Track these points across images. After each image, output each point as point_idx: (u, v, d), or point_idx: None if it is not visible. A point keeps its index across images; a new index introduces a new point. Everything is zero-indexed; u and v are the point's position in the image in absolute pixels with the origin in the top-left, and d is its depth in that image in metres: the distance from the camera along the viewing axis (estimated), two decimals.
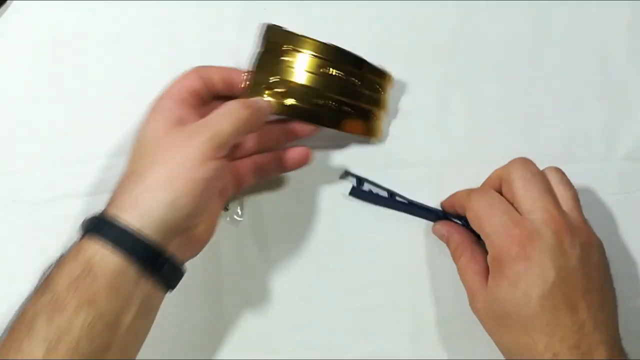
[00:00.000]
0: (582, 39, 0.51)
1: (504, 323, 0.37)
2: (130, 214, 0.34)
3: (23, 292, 0.46)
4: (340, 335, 0.46)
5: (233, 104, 0.39)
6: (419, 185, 0.48)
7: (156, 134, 0.37)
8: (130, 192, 0.35)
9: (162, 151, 0.36)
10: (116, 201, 0.35)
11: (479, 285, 0.39)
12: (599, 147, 0.49)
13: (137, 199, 0.34)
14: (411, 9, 0.51)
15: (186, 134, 0.36)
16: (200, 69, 0.42)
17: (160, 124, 0.38)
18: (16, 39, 0.49)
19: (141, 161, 0.36)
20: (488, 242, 0.39)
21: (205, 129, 0.36)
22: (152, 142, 0.37)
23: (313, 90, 0.45)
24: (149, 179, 0.35)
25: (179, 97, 0.40)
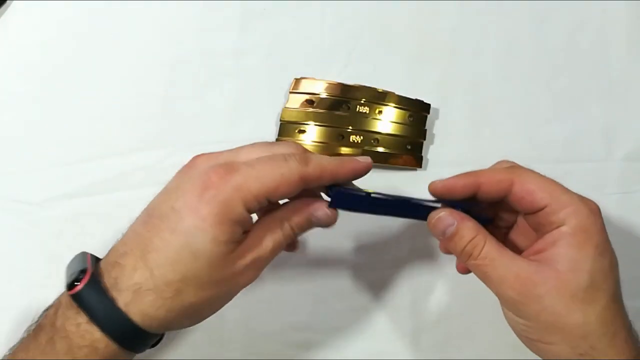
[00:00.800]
0: (582, 39, 0.51)
1: (587, 297, 0.33)
2: (150, 324, 0.33)
3: (23, 292, 0.46)
4: (340, 335, 0.46)
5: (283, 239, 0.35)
6: (410, 184, 0.48)
7: (211, 257, 0.32)
8: (160, 307, 0.32)
9: (210, 283, 0.33)
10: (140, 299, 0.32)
11: (533, 267, 0.34)
12: (599, 147, 0.49)
13: (166, 321, 0.33)
14: (411, 9, 0.51)
15: (240, 272, 0.34)
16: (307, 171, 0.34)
17: (222, 247, 0.32)
18: (16, 39, 0.49)
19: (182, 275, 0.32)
20: (566, 211, 0.34)
21: (259, 269, 0.35)
22: (201, 264, 0.32)
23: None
24: (185, 308, 0.33)
25: (256, 206, 0.33)
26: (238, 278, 0.34)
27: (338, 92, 0.48)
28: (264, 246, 0.34)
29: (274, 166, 0.33)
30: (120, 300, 0.32)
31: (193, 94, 0.49)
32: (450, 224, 0.36)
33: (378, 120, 0.48)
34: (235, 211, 0.32)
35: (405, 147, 0.48)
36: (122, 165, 0.48)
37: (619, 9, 0.52)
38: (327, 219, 0.36)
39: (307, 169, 0.34)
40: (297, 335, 0.46)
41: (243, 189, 0.32)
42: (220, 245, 0.32)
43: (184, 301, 0.33)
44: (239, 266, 0.33)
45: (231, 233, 0.32)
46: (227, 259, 0.33)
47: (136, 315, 0.32)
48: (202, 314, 0.35)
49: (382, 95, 0.48)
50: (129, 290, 0.32)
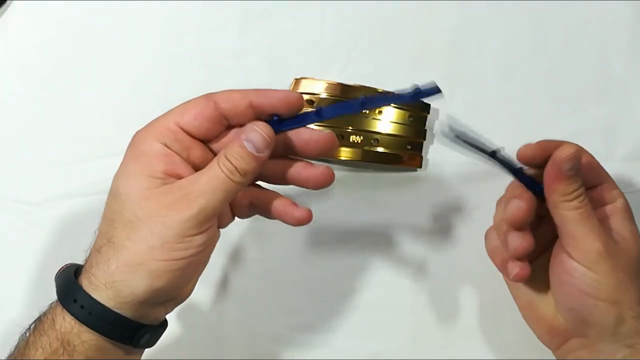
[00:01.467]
0: (582, 39, 0.51)
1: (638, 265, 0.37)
2: (106, 292, 0.31)
3: (23, 292, 0.46)
4: (340, 335, 0.46)
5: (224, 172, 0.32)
6: (410, 184, 0.48)
7: (135, 193, 0.32)
8: (105, 267, 0.32)
9: (140, 222, 0.31)
10: (91, 272, 0.32)
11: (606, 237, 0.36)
12: (599, 147, 0.49)
13: (112, 279, 0.31)
14: (411, 9, 0.51)
15: (168, 204, 0.32)
16: (215, 93, 0.34)
17: (143, 181, 0.32)
18: (16, 39, 0.49)
19: (117, 227, 0.32)
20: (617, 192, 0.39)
21: (191, 203, 0.32)
22: (130, 205, 0.32)
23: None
24: (123, 257, 0.31)
25: (173, 137, 0.33)
26: (166, 210, 0.31)
27: (338, 92, 0.48)
28: (196, 178, 0.32)
29: (182, 103, 0.34)
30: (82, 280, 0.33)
31: (193, 94, 0.49)
32: (577, 163, 0.37)
33: (378, 120, 0.48)
34: (147, 143, 0.33)
35: (405, 147, 0.48)
36: None
37: (619, 9, 0.52)
38: (260, 139, 0.33)
39: (215, 93, 0.34)
40: (297, 335, 0.46)
41: (154, 124, 0.34)
42: (132, 177, 0.32)
43: (116, 246, 0.32)
44: (167, 198, 0.32)
45: (144, 165, 0.32)
46: (149, 192, 0.32)
47: (86, 279, 0.32)
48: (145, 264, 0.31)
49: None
50: (85, 261, 0.33)
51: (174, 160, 0.33)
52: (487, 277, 0.47)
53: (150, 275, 0.31)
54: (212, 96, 0.34)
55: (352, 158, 0.47)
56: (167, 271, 0.32)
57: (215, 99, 0.34)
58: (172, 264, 0.32)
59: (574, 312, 0.37)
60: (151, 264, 0.31)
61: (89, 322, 0.32)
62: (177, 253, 0.32)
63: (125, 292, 0.31)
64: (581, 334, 0.37)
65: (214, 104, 0.34)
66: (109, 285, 0.31)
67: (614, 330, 0.35)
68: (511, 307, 0.44)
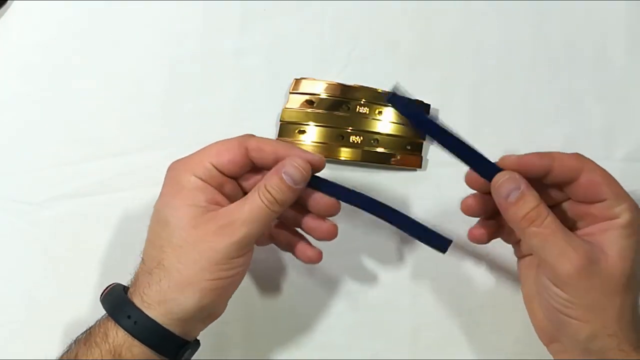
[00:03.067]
0: (581, 40, 0.51)
1: (628, 283, 0.35)
2: (157, 310, 0.35)
3: (23, 292, 0.46)
4: (340, 335, 0.46)
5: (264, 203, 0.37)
6: (410, 185, 0.48)
7: (184, 222, 0.36)
8: (157, 287, 0.35)
9: (190, 247, 0.36)
10: (143, 290, 0.36)
11: (589, 246, 0.35)
12: (599, 148, 0.49)
13: (165, 298, 0.35)
14: (411, 9, 0.51)
15: (215, 231, 0.36)
16: (248, 140, 0.38)
17: (189, 211, 0.36)
18: (16, 39, 0.49)
19: (167, 251, 0.36)
20: (622, 207, 0.36)
21: (235, 230, 0.36)
22: (179, 232, 0.36)
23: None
24: (175, 278, 0.35)
25: (208, 174, 0.37)
26: (213, 236, 0.35)
27: (338, 92, 0.48)
28: (239, 208, 0.37)
29: (218, 142, 0.39)
30: (130, 293, 0.37)
31: (193, 93, 0.49)
32: (516, 188, 0.36)
33: (378, 120, 0.48)
34: (185, 179, 0.37)
35: (405, 148, 0.48)
36: (122, 165, 0.48)
37: (619, 9, 0.52)
38: (298, 173, 0.37)
39: (249, 139, 0.38)
40: (297, 335, 0.46)
41: (189, 161, 0.38)
42: (179, 209, 0.36)
43: (167, 269, 0.35)
44: (213, 225, 0.36)
45: (187, 197, 0.37)
46: (196, 220, 0.36)
47: (138, 301, 0.36)
48: (195, 284, 0.35)
49: (382, 96, 0.48)
50: (132, 282, 0.37)
51: (211, 191, 0.37)
52: (487, 277, 0.47)
53: (199, 293, 0.35)
54: (245, 143, 0.38)
55: (352, 158, 0.47)
56: (213, 289, 0.36)
57: (248, 146, 0.38)
58: (218, 282, 0.36)
59: (550, 321, 0.38)
60: (201, 283, 0.35)
61: (142, 336, 0.35)
62: (223, 273, 0.36)
63: (177, 309, 0.35)
64: (560, 340, 0.38)
65: (246, 151, 0.38)
66: (162, 303, 0.35)
67: (584, 345, 0.36)
68: (511, 307, 0.44)
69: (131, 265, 0.46)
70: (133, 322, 0.35)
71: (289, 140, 0.47)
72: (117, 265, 0.46)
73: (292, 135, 0.47)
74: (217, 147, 0.38)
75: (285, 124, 0.48)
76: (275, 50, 0.50)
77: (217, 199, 0.37)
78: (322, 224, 0.40)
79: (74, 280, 0.46)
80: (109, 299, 0.37)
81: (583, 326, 0.36)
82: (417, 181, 0.48)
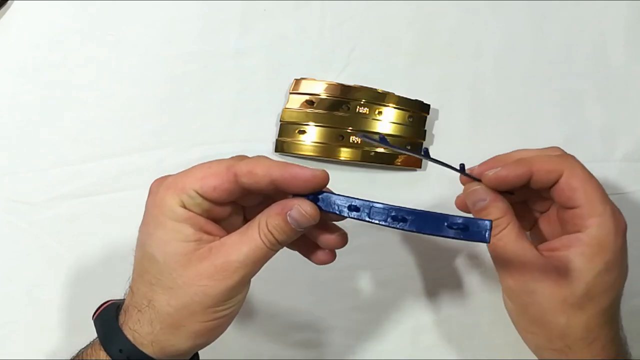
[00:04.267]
0: (581, 40, 0.51)
1: (578, 303, 0.35)
2: (151, 348, 0.33)
3: (23, 292, 0.46)
4: (341, 335, 0.46)
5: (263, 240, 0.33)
6: (410, 185, 0.48)
7: (173, 261, 0.33)
8: (149, 328, 0.33)
9: (180, 289, 0.33)
10: (134, 326, 0.33)
11: (540, 263, 0.35)
12: (598, 148, 0.50)
13: (157, 339, 0.33)
14: (411, 8, 0.51)
15: (209, 274, 0.33)
16: (236, 165, 0.33)
17: (177, 247, 0.33)
18: (16, 39, 0.49)
19: (157, 291, 0.33)
20: (593, 220, 0.35)
21: (232, 274, 0.33)
22: (168, 272, 0.33)
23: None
24: (166, 321, 0.33)
25: (192, 202, 0.33)
26: (208, 280, 0.32)
27: (338, 92, 0.48)
28: (237, 248, 0.33)
29: (204, 164, 0.34)
30: (121, 321, 0.34)
31: (193, 94, 0.49)
32: (482, 199, 0.37)
33: (378, 120, 0.48)
34: (168, 208, 0.33)
35: (404, 148, 0.48)
36: (122, 165, 0.48)
37: (619, 9, 0.52)
38: (303, 218, 0.33)
39: (237, 163, 0.33)
40: (297, 335, 0.46)
41: (172, 186, 0.33)
42: (166, 244, 0.33)
43: (158, 311, 0.33)
44: (206, 266, 0.32)
45: (174, 231, 0.33)
46: (186, 259, 0.33)
47: (128, 332, 0.33)
48: (189, 327, 0.33)
49: (381, 96, 0.48)
50: (123, 311, 0.34)
51: (198, 221, 0.34)
52: (487, 277, 0.47)
53: (193, 336, 0.33)
54: (233, 168, 0.33)
55: (352, 158, 0.47)
56: (209, 329, 0.34)
57: (236, 171, 0.33)
58: (214, 323, 0.33)
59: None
60: (194, 325, 0.33)
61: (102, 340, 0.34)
62: (218, 314, 0.33)
63: (171, 350, 0.33)
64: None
65: (235, 177, 0.33)
66: (155, 343, 0.33)
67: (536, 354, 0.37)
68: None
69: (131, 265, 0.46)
70: (126, 357, 0.33)
71: (289, 140, 0.47)
72: (117, 266, 0.46)
73: (292, 135, 0.48)
74: (203, 171, 0.34)
75: (285, 124, 0.48)
76: (275, 50, 0.50)
77: (206, 227, 0.34)
78: (330, 236, 0.37)
79: (74, 280, 0.46)
80: (101, 323, 0.35)
81: (529, 338, 0.37)
82: (417, 181, 0.48)
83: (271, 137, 0.48)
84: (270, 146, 0.48)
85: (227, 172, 0.33)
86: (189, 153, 0.48)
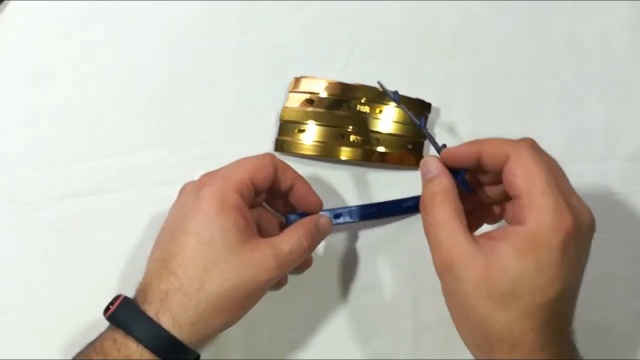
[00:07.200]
0: (582, 39, 0.51)
1: (501, 300, 0.32)
2: (187, 330, 0.35)
3: (23, 292, 0.46)
4: (340, 335, 0.46)
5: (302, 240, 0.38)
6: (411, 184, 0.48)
7: (232, 245, 0.36)
8: (194, 310, 0.35)
9: (234, 273, 0.35)
10: (174, 309, 0.35)
11: (469, 249, 0.33)
12: (600, 148, 0.49)
13: (198, 320, 0.35)
14: (411, 8, 0.51)
15: (260, 261, 0.36)
16: (275, 159, 0.40)
17: (236, 234, 0.36)
18: (15, 39, 0.49)
19: (212, 274, 0.35)
20: (531, 213, 0.32)
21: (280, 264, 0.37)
22: (226, 256, 0.35)
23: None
24: (214, 302, 0.35)
25: (246, 191, 0.38)
26: (257, 267, 0.36)
27: (338, 91, 0.48)
28: (282, 244, 0.37)
29: (248, 158, 0.39)
30: (150, 311, 0.35)
31: (193, 93, 0.49)
32: (429, 172, 0.37)
33: (378, 119, 0.48)
34: (230, 197, 0.36)
35: (405, 147, 0.48)
36: (122, 165, 0.48)
37: (621, 8, 0.52)
38: (327, 226, 0.41)
39: (275, 158, 0.39)
40: (297, 335, 0.46)
41: (230, 177, 0.37)
42: (228, 231, 0.35)
43: (209, 293, 0.35)
44: (257, 256, 0.36)
45: (234, 219, 0.36)
46: (241, 245, 0.36)
47: (167, 321, 0.34)
48: (229, 309, 0.36)
49: (382, 95, 0.48)
50: (157, 299, 0.35)
51: (246, 211, 0.37)
52: None
53: (231, 318, 0.36)
54: (274, 161, 0.39)
55: (352, 158, 0.47)
56: (241, 314, 0.37)
57: (277, 165, 0.39)
58: (248, 309, 0.37)
59: None
60: (235, 309, 0.36)
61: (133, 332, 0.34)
62: (255, 301, 0.37)
63: (205, 331, 0.35)
64: None
65: (275, 170, 0.39)
66: (193, 325, 0.35)
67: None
68: None
69: (131, 265, 0.46)
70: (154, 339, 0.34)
71: (289, 139, 0.47)
72: (117, 265, 0.46)
73: (292, 134, 0.47)
74: (253, 163, 0.38)
75: (285, 122, 0.48)
76: (275, 50, 0.50)
77: (249, 219, 0.37)
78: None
79: (74, 280, 0.46)
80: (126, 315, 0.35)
81: (456, 325, 0.35)
82: (418, 181, 0.48)
83: (271, 136, 0.48)
84: (270, 145, 0.48)
85: (272, 165, 0.39)
86: (189, 152, 0.48)
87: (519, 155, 0.34)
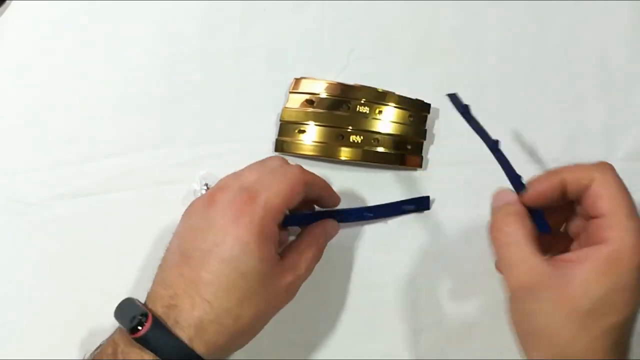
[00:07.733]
0: (582, 39, 0.51)
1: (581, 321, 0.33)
2: (214, 354, 0.35)
3: (22, 292, 0.46)
4: (341, 335, 0.46)
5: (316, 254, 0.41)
6: (410, 184, 0.48)
7: (267, 276, 0.36)
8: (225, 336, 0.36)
9: (263, 301, 0.37)
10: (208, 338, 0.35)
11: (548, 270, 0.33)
12: (599, 147, 0.49)
13: (229, 345, 0.36)
14: (411, 8, 0.51)
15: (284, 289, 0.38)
16: (305, 174, 0.40)
17: (269, 265, 0.36)
18: (15, 39, 0.49)
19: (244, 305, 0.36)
20: (614, 233, 0.33)
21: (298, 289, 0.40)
22: (259, 286, 0.36)
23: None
24: (242, 327, 0.36)
25: (280, 218, 0.38)
26: (283, 294, 0.38)
27: (338, 92, 0.48)
28: (300, 265, 0.39)
29: (281, 180, 0.38)
30: (183, 335, 0.35)
31: (193, 93, 0.49)
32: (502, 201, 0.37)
33: (378, 120, 0.48)
34: (270, 229, 0.36)
35: (405, 147, 0.48)
36: (122, 165, 0.48)
37: (621, 9, 0.52)
38: (334, 232, 0.43)
39: (305, 174, 0.39)
40: (297, 335, 0.46)
41: (269, 207, 0.36)
42: (264, 262, 0.36)
43: (243, 324, 0.36)
44: (283, 282, 0.37)
45: (270, 251, 0.36)
46: (272, 275, 0.37)
47: (201, 348, 0.35)
48: (254, 332, 0.38)
49: (382, 95, 0.48)
50: (192, 326, 0.35)
51: (277, 238, 0.38)
52: (487, 277, 0.47)
53: (254, 335, 0.38)
54: (303, 177, 0.39)
55: (352, 158, 0.47)
56: (261, 330, 0.38)
57: (306, 181, 0.39)
58: (266, 324, 0.38)
59: None
60: (260, 328, 0.38)
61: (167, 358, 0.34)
62: (272, 317, 0.39)
63: (232, 351, 0.37)
64: None
65: (304, 187, 0.39)
66: (224, 350, 0.36)
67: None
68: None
69: (131, 265, 0.46)
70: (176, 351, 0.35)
71: (289, 139, 0.47)
72: (117, 265, 0.46)
73: (292, 134, 0.47)
74: (289, 188, 0.38)
75: (285, 123, 0.48)
76: (275, 50, 0.50)
77: (277, 243, 0.38)
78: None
79: (74, 280, 0.46)
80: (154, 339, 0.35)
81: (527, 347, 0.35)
82: (417, 181, 0.48)
83: (271, 137, 0.48)
84: (270, 146, 0.48)
85: (303, 185, 0.39)
86: (189, 153, 0.48)
87: (604, 178, 0.35)
